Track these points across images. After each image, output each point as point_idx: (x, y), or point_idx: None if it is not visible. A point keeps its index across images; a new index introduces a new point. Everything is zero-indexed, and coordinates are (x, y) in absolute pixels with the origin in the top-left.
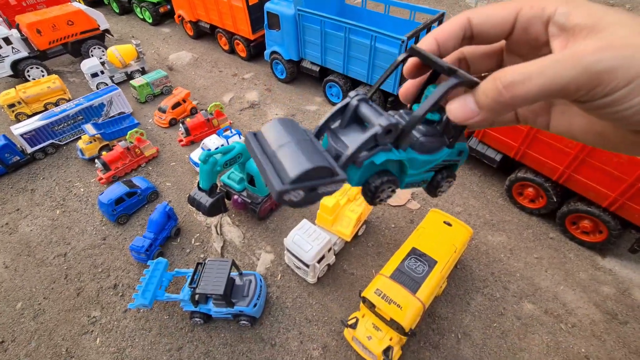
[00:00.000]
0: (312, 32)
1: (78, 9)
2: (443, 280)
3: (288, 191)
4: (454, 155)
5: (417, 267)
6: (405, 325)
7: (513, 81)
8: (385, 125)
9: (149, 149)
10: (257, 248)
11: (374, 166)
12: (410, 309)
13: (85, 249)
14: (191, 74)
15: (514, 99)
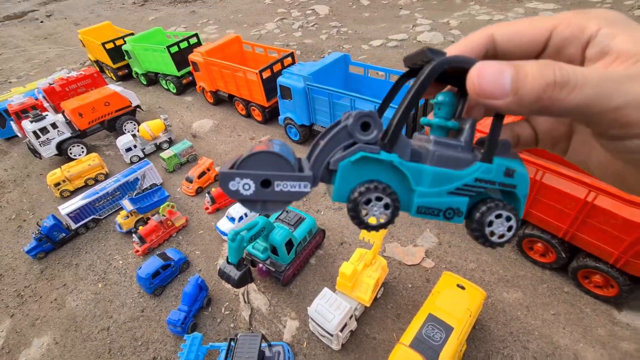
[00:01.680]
0: (320, 102)
1: (114, 91)
2: (462, 345)
3: (232, 176)
4: (498, 176)
5: (435, 334)
6: None
7: (567, 81)
8: (355, 113)
9: (179, 220)
10: (282, 315)
11: (356, 172)
12: None
13: (125, 321)
14: (213, 139)
15: (553, 102)
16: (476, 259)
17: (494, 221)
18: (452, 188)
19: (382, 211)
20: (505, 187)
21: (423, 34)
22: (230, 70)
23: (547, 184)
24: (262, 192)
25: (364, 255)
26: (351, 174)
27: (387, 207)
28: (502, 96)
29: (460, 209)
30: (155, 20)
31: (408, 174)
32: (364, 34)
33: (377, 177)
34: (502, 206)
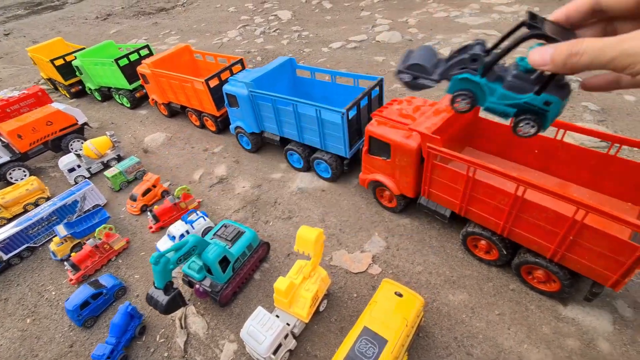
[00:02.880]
0: (266, 108)
1: (56, 109)
2: (400, 357)
3: (400, 71)
4: (538, 103)
5: (368, 349)
6: None
7: (577, 52)
8: (470, 52)
9: (118, 242)
10: (220, 338)
11: (458, 82)
12: None
13: (51, 359)
14: (165, 153)
15: (573, 65)
16: (423, 261)
17: (521, 123)
18: (509, 102)
19: (463, 105)
20: (541, 110)
21: (382, 34)
22: (178, 81)
23: (480, 180)
24: (414, 82)
25: (303, 267)
26: (457, 84)
27: (468, 103)
28: (545, 64)
29: (509, 113)
30: (117, 34)
31: (486, 90)
32: (325, 36)
33: (469, 87)
34: (529, 118)
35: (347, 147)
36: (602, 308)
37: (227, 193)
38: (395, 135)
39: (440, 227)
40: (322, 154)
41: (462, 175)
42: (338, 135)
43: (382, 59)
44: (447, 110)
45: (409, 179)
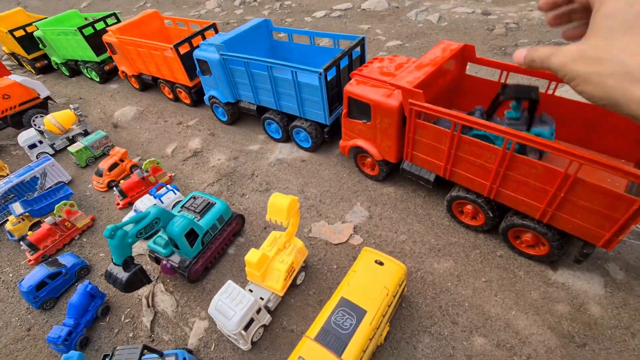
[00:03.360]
0: (239, 73)
1: (13, 81)
2: (379, 330)
3: None
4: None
5: (345, 321)
6: None
7: (532, 59)
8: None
9: (81, 220)
10: (191, 316)
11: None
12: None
13: (7, 344)
14: (136, 128)
15: (533, 66)
16: (407, 230)
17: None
18: None
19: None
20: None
21: (368, 2)
22: (146, 49)
23: (465, 137)
24: None
25: (277, 239)
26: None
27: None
28: (521, 62)
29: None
30: (89, 7)
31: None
32: (308, 6)
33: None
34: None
35: (326, 113)
36: (593, 272)
37: (202, 166)
38: (376, 94)
39: (425, 195)
40: (301, 122)
41: (446, 134)
42: (316, 99)
43: (368, 27)
44: (431, 64)
45: (390, 142)
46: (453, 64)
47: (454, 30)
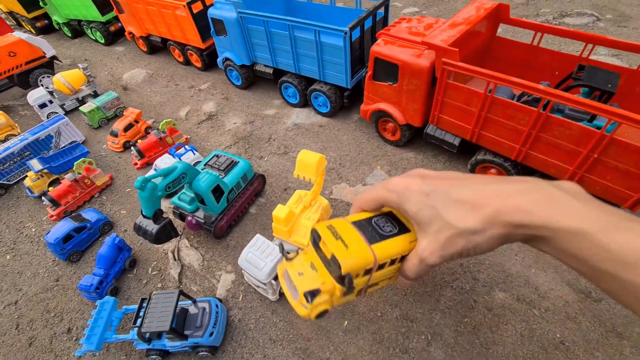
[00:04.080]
0: (257, 33)
1: (18, 38)
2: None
3: None
4: None
5: (386, 226)
6: (343, 266)
7: (418, 271)
8: None
9: (100, 178)
10: (217, 269)
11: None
12: (358, 253)
13: (37, 293)
14: (147, 91)
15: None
16: None
17: None
18: None
19: None
20: None
21: None
22: (156, 7)
23: (499, 99)
24: None
25: (303, 197)
26: None
27: None
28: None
29: None
30: None
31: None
32: None
33: None
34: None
35: (348, 76)
36: None
37: (217, 129)
38: (405, 54)
39: (445, 160)
40: (320, 85)
41: (479, 95)
42: (339, 61)
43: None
44: (465, 23)
45: (417, 105)
46: (485, 25)
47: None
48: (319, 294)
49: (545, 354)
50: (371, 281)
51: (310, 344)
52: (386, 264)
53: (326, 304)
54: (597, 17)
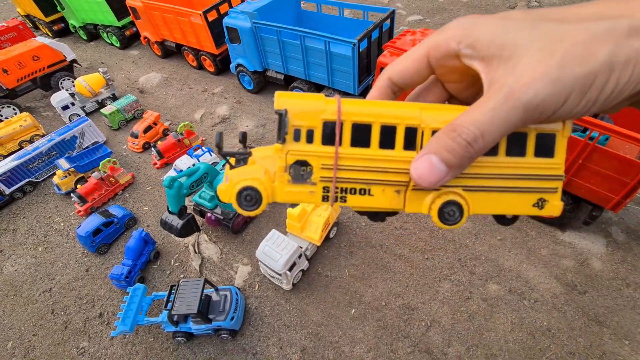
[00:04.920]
0: (270, 42)
1: (42, 43)
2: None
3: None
4: None
5: None
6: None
7: (475, 137)
8: None
9: (123, 177)
10: (234, 262)
11: None
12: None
13: (69, 282)
14: (162, 94)
15: (480, 151)
16: None
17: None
18: None
19: None
20: None
21: None
22: (173, 14)
23: None
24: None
25: None
26: None
27: None
28: (444, 176)
29: None
30: None
31: None
32: None
33: None
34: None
35: (356, 83)
36: (597, 233)
37: (230, 132)
38: None
39: None
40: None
41: None
42: (347, 69)
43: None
44: None
45: None
46: None
47: (475, 6)
48: (248, 158)
49: (533, 340)
50: (346, 171)
51: (321, 329)
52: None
53: (254, 180)
54: None
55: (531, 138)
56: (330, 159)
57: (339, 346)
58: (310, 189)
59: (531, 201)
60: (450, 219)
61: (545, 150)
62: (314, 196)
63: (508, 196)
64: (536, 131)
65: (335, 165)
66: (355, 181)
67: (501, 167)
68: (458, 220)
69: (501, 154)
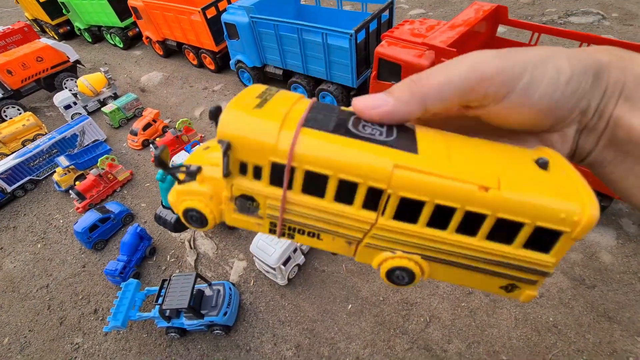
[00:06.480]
0: (268, 37)
1: (45, 44)
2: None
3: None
4: None
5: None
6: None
7: (420, 76)
8: None
9: (122, 173)
10: (230, 257)
11: None
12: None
13: (66, 278)
14: (163, 92)
15: (423, 89)
16: None
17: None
18: None
19: None
20: None
21: None
22: (173, 13)
23: None
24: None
25: None
26: None
27: None
28: (383, 104)
29: None
30: None
31: None
32: None
33: None
34: None
35: (354, 76)
36: (607, 226)
37: None
38: (407, 55)
39: None
40: (327, 85)
41: None
42: (345, 62)
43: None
44: (464, 25)
45: None
46: (484, 26)
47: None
48: (198, 172)
49: (539, 336)
50: (295, 215)
51: (317, 325)
52: (327, 191)
53: (200, 203)
54: (603, 16)
55: (526, 229)
56: (278, 201)
57: (335, 342)
58: (257, 221)
59: (500, 284)
60: (397, 281)
61: (540, 244)
62: (261, 227)
63: (475, 274)
64: (536, 225)
65: (282, 208)
66: (304, 226)
67: (476, 251)
68: (407, 283)
69: (480, 237)
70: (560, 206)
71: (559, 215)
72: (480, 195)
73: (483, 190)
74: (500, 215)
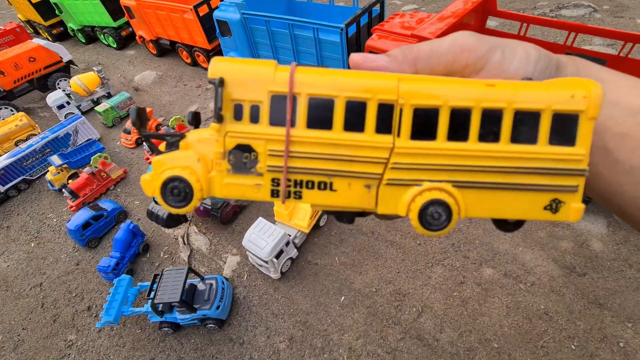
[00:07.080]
0: (260, 33)
1: (38, 44)
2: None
3: None
4: None
5: None
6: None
7: (411, 45)
8: None
9: (115, 171)
10: (223, 252)
11: None
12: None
13: (59, 276)
14: (157, 91)
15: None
16: None
17: None
18: None
19: None
20: None
21: None
22: (166, 11)
23: None
24: None
25: None
26: None
27: None
28: (378, 60)
29: None
30: None
31: None
32: None
33: None
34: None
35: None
36: (598, 214)
37: None
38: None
39: None
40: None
41: None
42: (337, 56)
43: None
44: (453, 16)
45: None
46: (474, 18)
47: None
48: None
49: (530, 324)
50: (301, 159)
51: (310, 317)
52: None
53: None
54: (594, 8)
55: (545, 119)
56: (280, 144)
57: (328, 334)
58: (255, 181)
59: (542, 202)
60: (434, 223)
61: (563, 136)
62: (260, 190)
63: (512, 195)
64: (552, 109)
65: (286, 151)
66: (313, 172)
67: (504, 158)
68: (444, 225)
69: (504, 141)
70: (567, 88)
71: (568, 95)
72: (491, 90)
73: (491, 86)
74: (516, 106)
